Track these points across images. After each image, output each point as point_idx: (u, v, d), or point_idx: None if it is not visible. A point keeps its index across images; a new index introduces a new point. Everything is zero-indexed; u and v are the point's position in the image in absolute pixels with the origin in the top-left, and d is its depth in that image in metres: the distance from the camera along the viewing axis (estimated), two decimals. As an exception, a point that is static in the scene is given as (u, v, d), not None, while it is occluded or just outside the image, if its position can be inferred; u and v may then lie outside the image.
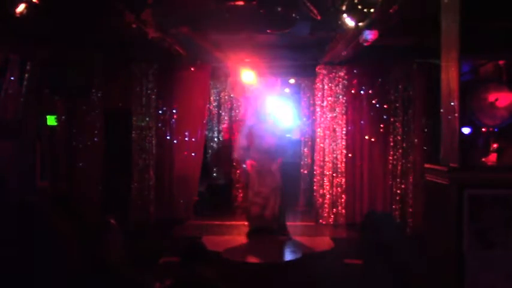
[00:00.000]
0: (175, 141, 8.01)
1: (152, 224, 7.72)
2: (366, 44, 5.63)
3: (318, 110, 7.95)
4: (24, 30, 5.52)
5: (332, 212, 7.83)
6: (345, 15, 4.81)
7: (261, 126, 7.00)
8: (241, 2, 5.24)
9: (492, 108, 5.41)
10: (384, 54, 7.22)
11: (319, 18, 5.40)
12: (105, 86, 7.85)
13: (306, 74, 8.70)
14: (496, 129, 5.65)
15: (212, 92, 9.25)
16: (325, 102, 7.86)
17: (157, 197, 7.89)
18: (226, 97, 9.40)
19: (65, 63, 6.53)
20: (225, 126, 9.34)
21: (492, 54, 6.01)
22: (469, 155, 5.54)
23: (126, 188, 7.89)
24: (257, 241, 6.68)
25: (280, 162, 7.00)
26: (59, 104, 7.43)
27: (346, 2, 4.70)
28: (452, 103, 3.72)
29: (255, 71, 8.10)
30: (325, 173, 7.86)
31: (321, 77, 7.89)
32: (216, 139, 9.45)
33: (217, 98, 9.44)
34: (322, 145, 7.89)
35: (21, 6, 4.49)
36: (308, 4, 5.11)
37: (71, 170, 7.57)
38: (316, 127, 8.06)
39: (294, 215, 8.44)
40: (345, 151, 7.79)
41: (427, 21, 4.51)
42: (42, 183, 7.19)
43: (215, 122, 9.44)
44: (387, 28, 5.29)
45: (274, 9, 4.86)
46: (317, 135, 7.97)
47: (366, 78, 7.79)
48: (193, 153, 8.03)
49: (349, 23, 4.83)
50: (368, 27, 5.20)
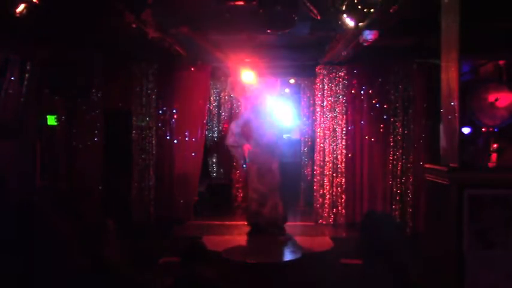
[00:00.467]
0: (175, 141, 8.00)
1: (152, 224, 7.72)
2: (366, 44, 5.63)
3: (318, 110, 7.95)
4: (24, 30, 5.52)
5: (332, 212, 7.83)
6: (345, 15, 4.81)
7: (259, 122, 7.00)
8: (241, 2, 5.24)
9: (492, 108, 5.41)
10: (384, 54, 7.22)
11: (319, 18, 5.40)
12: (105, 86, 7.85)
13: (306, 74, 8.70)
14: (496, 129, 5.64)
15: (212, 92, 9.26)
16: (325, 102, 7.86)
17: (157, 197, 7.89)
18: (226, 97, 9.41)
19: (65, 63, 6.53)
20: (225, 126, 9.34)
21: (492, 54, 6.01)
22: (469, 154, 5.54)
23: (126, 188, 7.90)
24: (257, 241, 6.69)
25: (278, 161, 7.00)
26: (59, 104, 7.43)
27: (346, 2, 4.70)
28: (452, 103, 3.72)
29: (255, 71, 8.09)
30: (325, 173, 7.86)
31: (321, 77, 7.89)
32: (216, 139, 9.46)
33: (217, 98, 9.45)
34: (322, 145, 7.89)
35: (21, 6, 4.49)
36: (308, 4, 5.11)
37: (71, 170, 7.56)
38: (316, 127, 8.06)
39: (294, 215, 8.45)
40: (345, 151, 7.79)
41: (427, 21, 4.51)
42: (42, 183, 7.18)
43: (215, 122, 9.45)
44: (387, 28, 5.29)
45: (274, 9, 4.86)
46: (317, 135, 7.97)
47: (366, 78, 7.79)
48: (193, 153, 8.02)
49: (349, 23, 4.83)
50: (368, 27, 5.20)
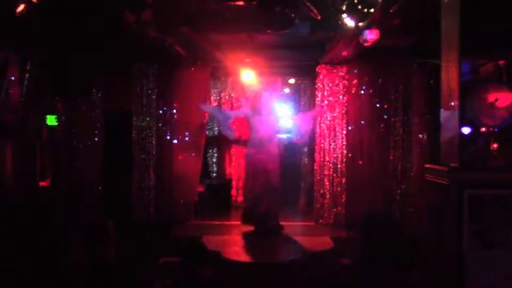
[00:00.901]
0: (175, 141, 8.00)
1: (152, 224, 7.71)
2: (366, 44, 5.62)
3: (318, 110, 7.95)
4: (24, 30, 5.52)
5: (332, 212, 7.82)
6: (344, 15, 4.81)
7: (256, 122, 6.99)
8: (241, 2, 5.24)
9: (492, 108, 5.40)
10: (384, 54, 7.22)
11: (319, 18, 5.40)
12: (105, 86, 7.85)
13: (306, 74, 8.70)
14: (496, 129, 5.64)
15: (212, 92, 9.25)
16: (325, 102, 7.86)
17: (157, 197, 7.89)
18: (226, 97, 9.40)
19: (65, 63, 6.53)
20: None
21: (492, 54, 6.01)
22: (469, 154, 5.54)
23: (126, 188, 7.90)
24: (257, 241, 6.68)
25: (277, 161, 7.00)
26: (59, 104, 7.43)
27: (346, 2, 4.71)
28: (452, 103, 3.72)
29: (255, 71, 8.10)
30: (325, 173, 7.86)
31: (321, 77, 7.88)
32: (216, 139, 9.46)
33: (217, 98, 9.44)
34: (322, 145, 7.89)
35: (21, 6, 4.49)
36: (308, 4, 5.11)
37: (71, 170, 7.57)
38: (316, 127, 8.06)
39: (294, 215, 8.45)
40: (345, 151, 7.79)
41: (427, 21, 4.51)
42: (42, 183, 7.19)
43: (215, 122, 9.44)
44: (387, 28, 5.29)
45: (274, 9, 4.86)
46: (317, 135, 7.97)
47: (366, 78, 7.78)
48: (193, 153, 8.02)
49: (349, 23, 4.84)
50: (368, 27, 5.20)
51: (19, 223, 5.01)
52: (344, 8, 4.78)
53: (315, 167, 8.02)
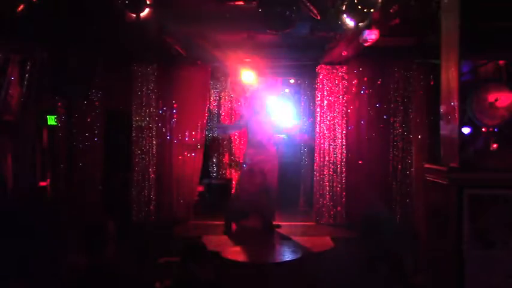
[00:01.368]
0: (175, 141, 8.00)
1: (152, 224, 7.71)
2: (366, 44, 5.63)
3: (318, 110, 7.95)
4: (24, 30, 5.52)
5: (332, 212, 7.83)
6: (345, 15, 4.81)
7: (253, 123, 6.99)
8: (241, 2, 5.24)
9: (492, 108, 5.39)
10: (384, 54, 7.22)
11: (319, 18, 5.40)
12: (105, 86, 7.85)
13: (306, 74, 8.71)
14: (496, 129, 5.64)
15: (212, 92, 9.25)
16: (325, 102, 7.86)
17: (157, 197, 7.89)
18: (226, 97, 9.40)
19: (65, 63, 6.53)
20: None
21: (492, 54, 6.01)
22: (469, 154, 5.54)
23: (126, 188, 7.90)
24: (257, 241, 6.69)
25: (275, 162, 7.01)
26: (59, 104, 7.43)
27: (346, 2, 4.70)
28: (452, 103, 3.73)
29: (255, 71, 8.09)
30: (325, 173, 7.86)
31: (321, 77, 7.89)
32: (216, 139, 9.46)
33: (217, 98, 9.45)
34: (322, 145, 7.89)
35: (21, 7, 4.49)
36: (308, 4, 5.11)
37: (71, 170, 7.56)
38: (316, 127, 8.06)
39: (294, 215, 8.45)
40: (345, 151, 7.79)
41: (427, 21, 4.52)
42: (42, 183, 7.18)
43: (215, 122, 9.44)
44: (387, 28, 5.29)
45: (274, 9, 4.86)
46: (317, 135, 7.97)
47: (366, 78, 7.78)
48: (193, 153, 8.03)
49: (349, 23, 4.83)
50: (368, 27, 5.20)
51: (19, 223, 5.01)
52: (344, 8, 4.78)
53: (315, 167, 8.02)
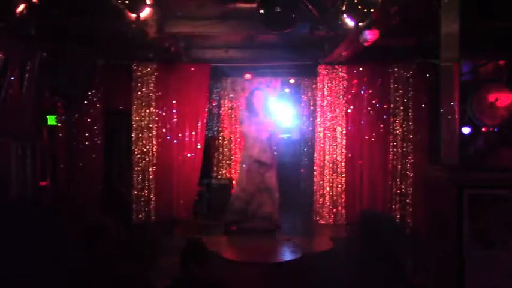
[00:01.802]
0: (175, 141, 8.00)
1: (152, 224, 7.71)
2: (366, 44, 5.62)
3: (318, 110, 7.95)
4: (24, 30, 5.52)
5: (332, 212, 7.83)
6: (345, 15, 4.81)
7: (254, 119, 6.99)
8: (241, 3, 5.24)
9: (492, 108, 5.42)
10: (384, 54, 7.23)
11: (319, 18, 5.40)
12: (105, 86, 7.85)
13: (306, 74, 8.70)
14: (496, 129, 5.65)
15: (212, 92, 9.24)
16: (325, 102, 7.86)
17: (157, 197, 7.89)
18: (226, 97, 9.39)
19: (65, 63, 6.53)
20: (225, 126, 9.34)
21: (492, 54, 6.02)
22: (469, 154, 5.55)
23: (126, 188, 7.89)
24: (257, 241, 6.68)
25: (274, 162, 7.00)
26: (59, 104, 7.43)
27: (346, 2, 4.70)
28: (452, 103, 3.73)
29: (256, 71, 8.09)
30: (325, 173, 7.86)
31: (321, 77, 7.89)
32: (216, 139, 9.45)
33: (217, 98, 9.44)
34: (322, 145, 7.89)
35: (21, 6, 4.49)
36: (308, 4, 5.11)
37: (71, 170, 7.57)
38: (316, 127, 8.06)
39: (294, 215, 8.44)
40: (345, 151, 7.79)
41: (427, 21, 4.51)
42: (42, 183, 7.18)
43: (215, 122, 9.44)
44: (387, 28, 5.29)
45: (274, 10, 4.86)
46: (317, 135, 7.97)
47: (366, 78, 7.79)
48: (193, 153, 8.03)
49: (349, 23, 4.84)
50: (368, 27, 5.20)
51: (19, 223, 5.01)
52: (344, 8, 4.78)
53: (315, 167, 8.02)
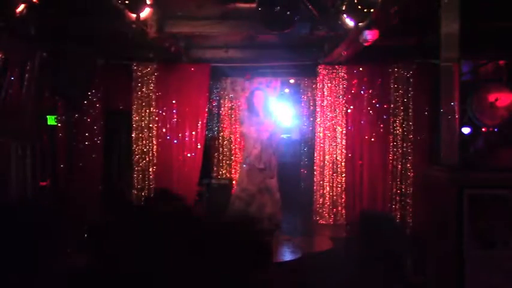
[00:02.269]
0: (175, 141, 8.00)
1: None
2: (366, 44, 5.63)
3: (318, 110, 7.95)
4: (24, 30, 5.52)
5: (332, 212, 7.82)
6: (345, 15, 4.81)
7: (254, 119, 6.99)
8: (241, 3, 5.24)
9: (492, 108, 5.42)
10: (384, 54, 7.22)
11: (319, 18, 5.40)
12: (105, 86, 7.85)
13: (306, 74, 8.69)
14: (496, 129, 5.65)
15: (212, 92, 9.24)
16: (325, 102, 7.86)
17: (157, 197, 7.89)
18: (226, 97, 9.39)
19: (65, 63, 6.53)
20: (225, 126, 9.34)
21: (492, 54, 6.02)
22: (469, 154, 5.54)
23: (126, 188, 7.89)
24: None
25: (274, 162, 6.99)
26: (59, 104, 7.43)
27: (346, 2, 4.71)
28: (452, 103, 3.73)
29: (256, 71, 8.09)
30: (325, 173, 7.86)
31: (321, 77, 7.88)
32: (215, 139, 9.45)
33: (217, 98, 9.44)
34: (322, 145, 7.89)
35: (21, 6, 4.49)
36: (308, 4, 5.11)
37: (71, 170, 7.56)
38: (316, 127, 8.06)
39: (293, 215, 8.44)
40: (345, 151, 7.79)
41: (427, 21, 4.52)
42: (42, 183, 7.18)
43: (215, 122, 9.44)
44: (387, 28, 5.29)
45: (274, 9, 4.86)
46: (317, 135, 7.96)
47: (366, 78, 7.78)
48: (193, 153, 8.02)
49: (349, 23, 4.84)
50: (368, 27, 5.20)
51: (19, 223, 5.01)
52: (344, 8, 4.78)
53: (315, 167, 8.02)
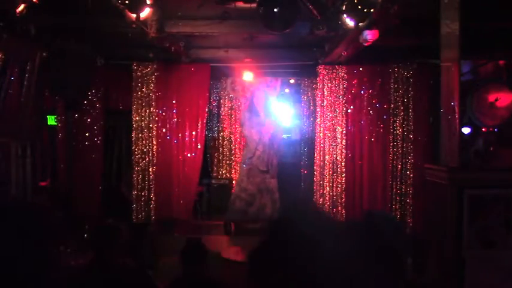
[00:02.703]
0: (175, 141, 8.00)
1: (152, 224, 7.71)
2: (366, 44, 5.63)
3: (318, 110, 7.95)
4: (24, 30, 5.52)
5: (332, 212, 7.82)
6: (345, 15, 4.81)
7: (255, 119, 7.00)
8: (241, 3, 5.23)
9: (492, 108, 5.40)
10: (384, 54, 7.22)
11: (319, 18, 5.39)
12: (105, 86, 7.85)
13: (306, 74, 8.70)
14: (496, 129, 5.64)
15: (212, 92, 9.24)
16: (325, 102, 7.86)
17: (157, 197, 7.89)
18: (226, 97, 9.40)
19: (65, 63, 6.53)
20: (225, 126, 9.34)
21: (492, 54, 6.01)
22: (469, 154, 5.54)
23: (126, 188, 7.89)
24: (257, 241, 6.68)
25: (274, 162, 7.00)
26: (59, 104, 7.43)
27: (346, 2, 4.70)
28: (452, 103, 3.73)
29: (255, 71, 8.09)
30: (325, 173, 7.86)
31: (321, 77, 7.89)
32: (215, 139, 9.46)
33: (217, 98, 9.44)
34: (322, 145, 7.88)
35: (21, 6, 4.49)
36: (308, 4, 5.11)
37: (71, 170, 7.57)
38: (316, 127, 8.06)
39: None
40: (344, 151, 7.79)
41: (427, 21, 4.51)
42: (42, 183, 7.18)
43: (215, 122, 9.44)
44: (387, 28, 5.29)
45: (274, 10, 4.85)
46: (317, 135, 7.96)
47: (366, 78, 7.79)
48: (193, 153, 8.02)
49: (349, 23, 4.83)
50: (368, 27, 5.20)
51: (19, 223, 5.01)
52: (344, 8, 4.77)
53: (315, 167, 8.02)
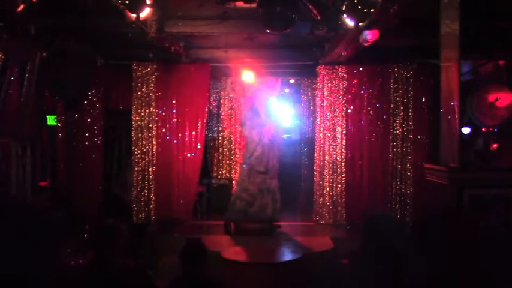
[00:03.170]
0: (175, 141, 8.00)
1: (152, 224, 7.71)
2: (366, 44, 5.63)
3: (318, 110, 7.95)
4: (24, 30, 5.52)
5: (332, 212, 7.82)
6: (345, 15, 4.81)
7: (255, 119, 7.00)
8: (241, 3, 5.23)
9: (492, 108, 5.41)
10: (384, 54, 7.23)
11: (319, 18, 5.39)
12: (105, 86, 7.85)
13: (306, 74, 8.70)
14: (496, 129, 5.65)
15: (212, 92, 9.24)
16: (325, 102, 7.86)
17: (157, 197, 7.89)
18: (226, 97, 9.40)
19: (65, 64, 6.53)
20: (225, 126, 9.35)
21: (492, 54, 6.02)
22: (469, 154, 5.54)
23: (126, 188, 7.89)
24: (257, 241, 6.68)
25: (275, 162, 7.00)
26: (59, 104, 7.43)
27: (346, 2, 4.70)
28: (452, 103, 3.73)
29: (255, 71, 8.09)
30: (325, 173, 7.86)
31: (321, 77, 7.89)
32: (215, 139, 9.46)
33: (217, 98, 9.45)
34: (322, 145, 7.89)
35: (21, 7, 4.49)
36: (308, 4, 5.11)
37: (71, 170, 7.56)
38: (316, 127, 8.06)
39: (294, 215, 8.44)
40: (344, 151, 7.79)
41: (427, 21, 4.51)
42: (42, 183, 7.18)
43: (215, 122, 9.44)
44: (387, 28, 5.29)
45: (274, 10, 4.85)
46: (317, 135, 7.97)
47: (365, 78, 7.79)
48: (193, 153, 8.02)
49: (349, 23, 4.83)
50: (368, 27, 5.20)
51: (19, 223, 5.01)
52: (344, 8, 4.77)
53: (315, 167, 8.02)
